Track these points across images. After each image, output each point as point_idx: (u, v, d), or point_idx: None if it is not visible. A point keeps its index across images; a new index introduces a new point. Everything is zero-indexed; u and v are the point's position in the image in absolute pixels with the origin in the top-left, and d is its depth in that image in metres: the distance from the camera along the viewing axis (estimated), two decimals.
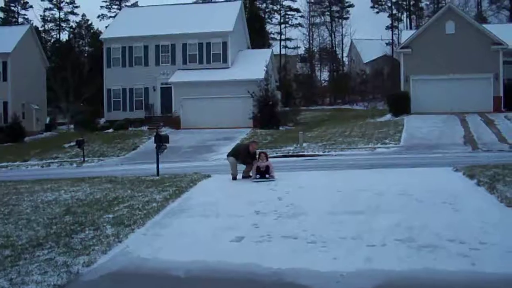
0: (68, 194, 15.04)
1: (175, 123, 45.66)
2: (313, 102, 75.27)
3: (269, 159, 16.21)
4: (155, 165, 19.58)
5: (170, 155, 27.23)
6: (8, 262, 8.51)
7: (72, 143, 37.02)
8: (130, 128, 47.59)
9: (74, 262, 8.23)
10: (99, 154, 35.43)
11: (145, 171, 20.64)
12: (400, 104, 40.64)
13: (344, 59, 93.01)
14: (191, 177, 16.95)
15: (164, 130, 38.44)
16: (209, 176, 17.32)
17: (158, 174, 18.77)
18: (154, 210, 11.80)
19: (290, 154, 29.12)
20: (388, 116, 41.41)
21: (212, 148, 34.31)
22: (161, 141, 19.58)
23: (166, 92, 49.08)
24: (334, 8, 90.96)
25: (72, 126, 56.29)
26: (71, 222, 11.08)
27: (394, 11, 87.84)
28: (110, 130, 47.81)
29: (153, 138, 21.43)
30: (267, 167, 15.62)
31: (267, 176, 15.45)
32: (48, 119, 61.84)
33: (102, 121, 54.41)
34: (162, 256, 8.46)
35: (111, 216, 11.47)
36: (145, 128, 46.36)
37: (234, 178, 16.30)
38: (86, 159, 32.63)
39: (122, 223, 10.66)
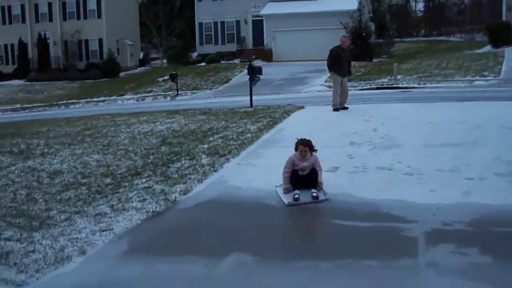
0: (164, 125, 15.29)
1: (267, 56, 45.42)
2: (407, 33, 72.74)
3: (316, 155, 7.97)
4: (247, 98, 19.55)
5: (262, 88, 27.16)
6: (109, 189, 8.76)
7: (166, 77, 37.70)
8: (222, 62, 47.87)
9: (171, 190, 8.35)
10: (192, 87, 35.89)
11: (238, 103, 20.69)
12: (501, 35, 38.44)
13: None
14: (284, 109, 16.82)
15: (256, 63, 38.31)
16: (302, 107, 17.11)
17: (251, 105, 18.74)
18: (248, 141, 11.77)
19: (384, 86, 28.35)
20: (487, 48, 39.39)
21: (303, 81, 33.96)
22: (254, 73, 19.47)
23: (257, 25, 48.75)
24: None
25: (165, 60, 57.17)
26: (167, 152, 11.25)
27: None
28: (202, 64, 48.30)
29: (245, 70, 21.36)
30: (313, 172, 7.69)
31: (314, 192, 7.43)
32: (141, 54, 63.15)
33: (194, 55, 54.98)
34: (256, 185, 8.41)
35: (206, 146, 11.56)
36: (237, 61, 46.49)
37: (336, 108, 15.46)
38: (179, 92, 33.16)
39: (217, 153, 10.70)
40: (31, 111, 33.90)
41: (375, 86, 28.17)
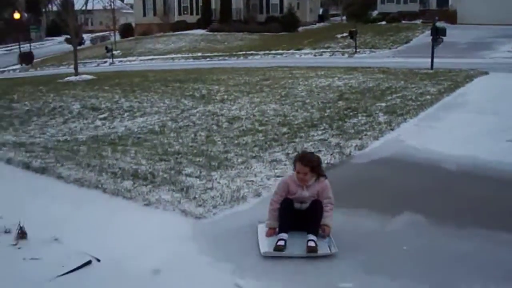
0: (341, 81, 15.18)
1: (450, 18, 43.19)
2: None
3: (326, 182, 5.11)
4: (428, 59, 18.78)
5: (444, 50, 25.85)
6: (285, 138, 8.89)
7: (345, 34, 37.34)
8: (403, 21, 46.41)
9: (346, 144, 8.26)
10: (370, 45, 35.23)
11: (418, 65, 19.98)
12: None
13: None
14: (467, 73, 15.98)
15: (438, 25, 36.63)
16: (486, 73, 16.14)
17: (432, 67, 18.00)
18: (427, 102, 11.32)
19: None
20: None
21: (489, 46, 31.86)
22: (438, 34, 18.61)
23: None
24: None
25: (344, 17, 56.57)
26: (344, 107, 11.16)
27: None
28: (383, 23, 47.23)
29: (427, 31, 20.53)
30: (316, 207, 4.95)
31: (311, 240, 4.64)
32: (321, 10, 63.03)
33: (374, 13, 53.82)
34: (434, 148, 8.05)
35: (383, 104, 11.29)
36: (418, 21, 44.83)
37: None
38: (357, 50, 32.70)
39: (394, 112, 10.41)
40: (212, 59, 35.35)
41: None
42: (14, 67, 47.31)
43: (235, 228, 5.15)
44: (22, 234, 4.90)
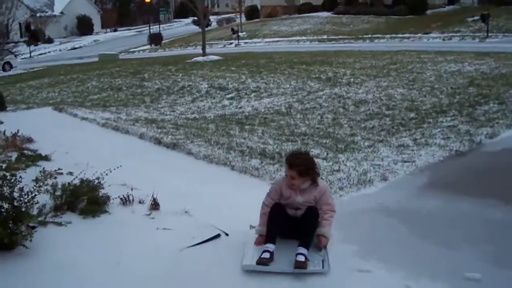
0: (472, 66, 14.69)
1: None
2: None
3: (324, 186, 4.50)
4: None
5: None
6: (413, 123, 8.80)
7: (476, 17, 35.76)
8: None
9: (476, 132, 8.05)
10: (504, 29, 33.48)
11: None
12: None
13: None
14: None
15: None
16: None
17: None
18: None
19: None
20: None
21: None
22: None
23: None
24: None
25: (476, 0, 54.12)
26: (474, 94, 10.83)
27: None
28: None
29: None
30: (311, 214, 4.32)
31: (300, 254, 3.99)
32: None
33: None
34: None
35: None
36: None
37: None
38: (489, 34, 31.26)
39: None
40: (337, 42, 35.16)
41: None
42: (144, 47, 49.53)
43: (360, 211, 5.23)
44: (155, 205, 5.25)
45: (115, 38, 64.05)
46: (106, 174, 5.37)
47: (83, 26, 71.46)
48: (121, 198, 5.33)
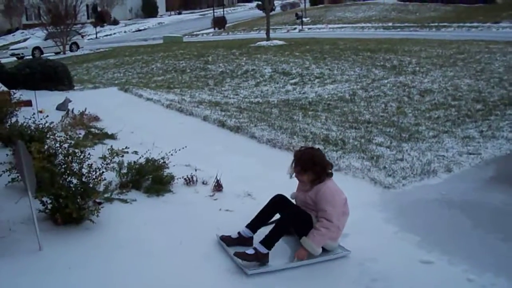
0: None
1: None
2: None
3: (327, 187, 4.00)
4: None
5: None
6: (479, 115, 8.60)
7: None
8: None
9: None
10: None
11: None
12: None
13: None
14: None
15: None
16: None
17: None
18: None
19: None
20: None
21: None
22: None
23: None
24: None
25: None
26: None
27: None
28: None
29: None
30: (287, 213, 4.09)
31: (250, 249, 3.87)
32: None
33: None
34: None
35: None
36: None
37: None
38: None
39: None
40: (402, 30, 34.48)
41: None
42: (207, 30, 49.82)
43: (423, 201, 5.18)
44: (218, 187, 5.34)
45: (179, 21, 64.68)
46: (172, 155, 5.48)
47: (148, 9, 72.56)
48: (185, 179, 5.45)
